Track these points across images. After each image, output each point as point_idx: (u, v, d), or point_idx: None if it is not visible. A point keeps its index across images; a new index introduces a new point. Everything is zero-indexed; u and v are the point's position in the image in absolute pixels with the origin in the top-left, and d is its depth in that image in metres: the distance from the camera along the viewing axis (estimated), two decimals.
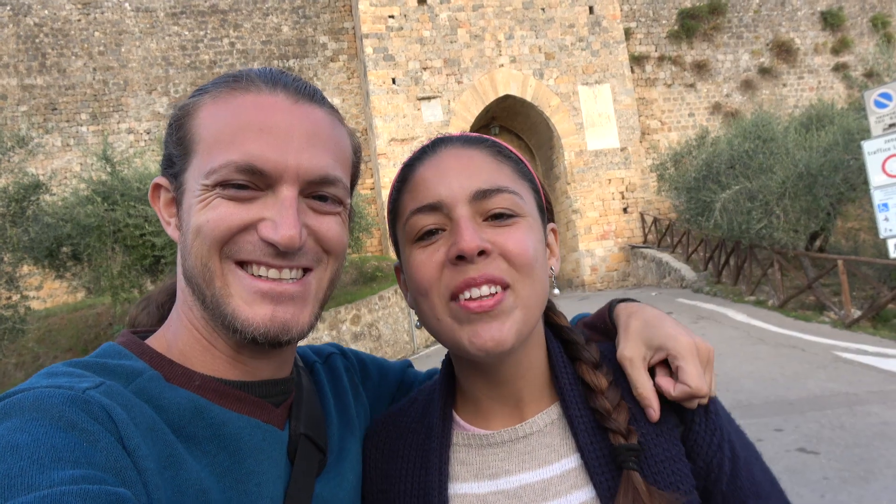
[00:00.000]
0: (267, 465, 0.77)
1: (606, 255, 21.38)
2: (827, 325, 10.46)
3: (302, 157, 0.75)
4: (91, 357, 0.74)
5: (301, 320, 0.76)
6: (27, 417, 0.59)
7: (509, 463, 0.87)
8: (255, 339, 0.73)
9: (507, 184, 0.84)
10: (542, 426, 0.88)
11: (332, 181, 0.78)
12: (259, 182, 0.74)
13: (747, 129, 14.82)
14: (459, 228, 0.80)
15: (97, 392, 0.64)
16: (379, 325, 13.42)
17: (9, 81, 21.73)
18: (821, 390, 6.51)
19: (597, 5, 22.36)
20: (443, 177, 0.84)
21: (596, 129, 21.85)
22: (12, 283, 9.48)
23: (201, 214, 0.73)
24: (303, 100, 0.79)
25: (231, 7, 23.28)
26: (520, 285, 0.81)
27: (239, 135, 0.74)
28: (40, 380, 0.66)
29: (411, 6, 21.23)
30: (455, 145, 0.88)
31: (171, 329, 0.81)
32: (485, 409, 0.91)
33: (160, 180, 0.82)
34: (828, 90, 25.66)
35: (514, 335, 0.80)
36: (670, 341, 0.85)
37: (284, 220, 0.72)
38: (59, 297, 17.57)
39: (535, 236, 0.85)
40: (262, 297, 0.73)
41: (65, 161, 21.44)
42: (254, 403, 0.79)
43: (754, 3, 26.09)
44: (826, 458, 4.75)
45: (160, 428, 0.68)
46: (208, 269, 0.73)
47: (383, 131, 20.58)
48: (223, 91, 0.78)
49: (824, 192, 12.63)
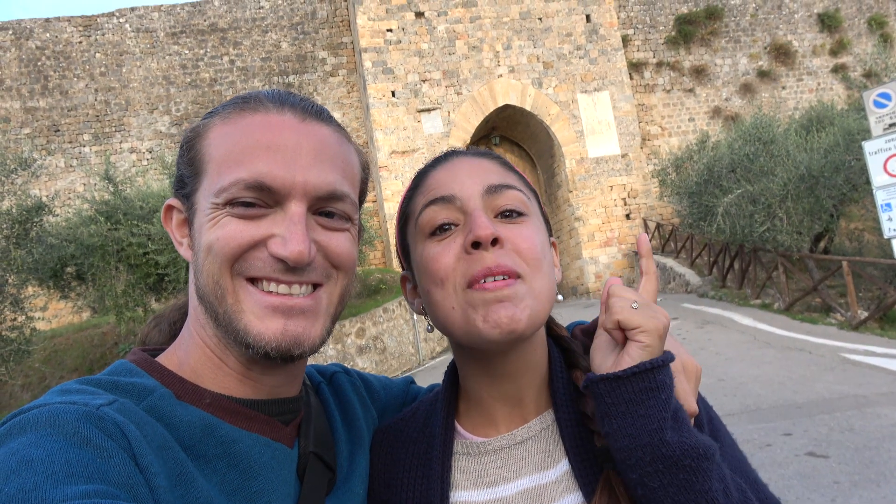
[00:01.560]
0: (277, 484, 0.77)
1: (610, 262, 21.35)
2: (834, 327, 10.40)
3: (310, 174, 0.76)
4: (103, 374, 0.75)
5: (312, 334, 0.76)
6: (42, 433, 0.60)
7: (507, 469, 0.88)
8: (267, 353, 0.74)
9: (515, 183, 0.90)
10: (537, 431, 0.89)
11: (339, 197, 0.79)
12: (268, 199, 0.75)
13: (747, 133, 14.83)
14: (473, 218, 0.84)
15: (111, 409, 0.65)
16: (384, 337, 13.40)
17: (12, 104, 21.93)
18: (829, 393, 6.46)
19: (594, 14, 22.48)
20: (455, 176, 0.89)
21: (596, 136, 21.90)
22: (17, 304, 9.51)
23: (211, 233, 0.74)
24: (310, 118, 0.81)
25: (230, 25, 23.49)
26: (531, 278, 0.84)
27: (247, 153, 0.75)
28: (54, 397, 0.67)
29: (409, 19, 21.39)
30: (466, 155, 0.94)
31: (183, 347, 0.82)
32: (487, 410, 0.93)
33: (172, 202, 0.83)
34: (827, 91, 25.68)
35: (528, 318, 0.82)
36: None
37: (293, 236, 0.73)
38: (65, 317, 17.61)
39: (543, 235, 0.89)
40: (274, 312, 0.74)
41: (68, 182, 21.58)
42: (263, 421, 0.79)
43: (751, 7, 26.19)
44: (836, 461, 4.70)
45: (171, 446, 0.69)
46: (220, 286, 0.74)
47: (384, 144, 20.66)
48: (232, 112, 0.80)
49: (827, 194, 12.61)
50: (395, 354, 13.51)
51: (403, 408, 1.11)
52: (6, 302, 9.29)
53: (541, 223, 0.91)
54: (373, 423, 1.03)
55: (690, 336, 10.55)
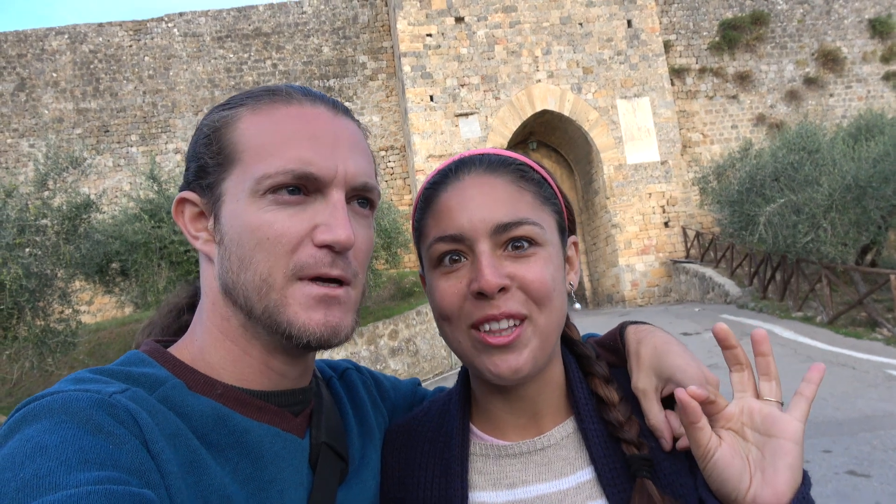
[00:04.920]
0: (289, 473, 0.78)
1: (647, 270, 21.02)
2: (879, 343, 10.05)
3: (349, 164, 0.80)
4: (115, 365, 0.76)
5: (346, 324, 0.79)
6: (56, 420, 0.61)
7: (526, 473, 0.89)
8: (308, 343, 0.76)
9: (527, 214, 0.87)
10: (558, 439, 0.90)
11: (370, 188, 0.83)
12: (310, 186, 0.77)
13: (792, 141, 14.45)
14: (480, 265, 0.83)
15: (123, 397, 0.67)
16: (416, 340, 13.45)
17: (66, 105, 22.76)
18: (872, 410, 6.25)
19: (635, 19, 22.23)
20: (464, 208, 0.87)
21: (635, 142, 21.61)
22: (65, 297, 9.82)
23: (259, 230, 0.75)
24: (340, 113, 0.85)
25: (274, 30, 23.95)
26: (537, 315, 0.85)
27: (290, 142, 0.77)
28: (67, 385, 0.68)
29: (449, 24, 21.48)
30: (477, 171, 0.90)
31: (197, 340, 0.82)
32: (500, 422, 0.94)
33: (186, 194, 0.83)
34: (878, 100, 24.86)
35: (531, 364, 0.85)
36: (679, 373, 0.86)
37: (338, 221, 0.76)
38: (109, 311, 18.17)
39: (554, 265, 0.88)
40: (318, 303, 0.76)
41: (115, 180, 22.28)
42: (274, 412, 0.81)
43: (798, 13, 25.54)
44: (878, 481, 4.55)
45: (184, 434, 0.70)
46: (267, 282, 0.75)
47: (421, 148, 20.77)
48: (263, 102, 0.81)
49: (875, 205, 12.19)
50: (427, 357, 13.55)
51: (412, 408, 1.12)
52: (55, 295, 9.61)
53: (554, 248, 0.89)
54: (383, 421, 1.04)
55: None
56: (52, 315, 9.65)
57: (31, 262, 8.57)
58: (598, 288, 23.55)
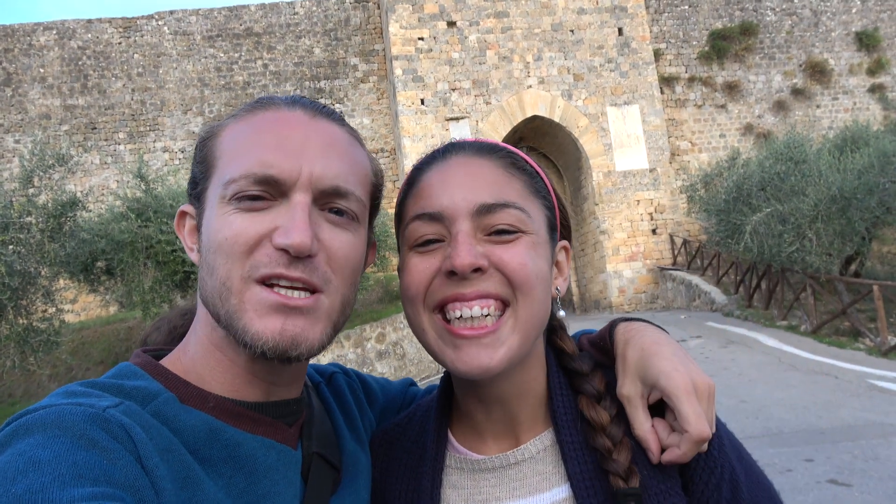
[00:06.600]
0: (282, 486, 0.77)
1: (634, 277, 21.13)
2: (862, 353, 10.16)
3: (315, 165, 0.76)
4: (107, 377, 0.75)
5: (311, 336, 0.74)
6: (49, 434, 0.60)
7: (500, 490, 0.85)
8: (264, 353, 0.72)
9: (514, 199, 0.81)
10: (534, 452, 0.85)
11: (344, 193, 0.78)
12: (273, 191, 0.75)
13: (779, 151, 14.59)
14: (456, 243, 0.78)
15: (116, 411, 0.66)
16: (403, 343, 13.43)
17: (53, 102, 22.54)
18: (854, 419, 6.31)
19: (626, 27, 22.38)
20: (447, 186, 0.82)
21: (624, 149, 21.74)
22: (48, 296, 9.72)
23: (219, 233, 0.74)
24: (320, 116, 0.81)
25: (265, 30, 23.87)
26: (519, 305, 0.78)
27: (255, 146, 0.76)
28: (58, 398, 0.67)
29: (441, 28, 21.52)
30: (466, 153, 0.85)
31: (190, 351, 0.81)
32: (480, 429, 0.89)
33: (186, 208, 0.85)
34: (864, 111, 25.18)
35: (505, 363, 0.78)
36: (663, 379, 0.78)
37: (295, 225, 0.72)
38: (93, 310, 17.98)
39: (539, 254, 0.81)
40: (275, 310, 0.73)
41: (102, 178, 22.08)
42: (268, 424, 0.79)
43: (787, 24, 25.84)
44: (859, 490, 4.59)
45: (177, 449, 0.69)
46: (226, 286, 0.74)
47: (411, 151, 20.77)
48: (245, 112, 0.82)
49: (859, 216, 12.33)
50: (414, 361, 13.53)
51: (402, 410, 1.10)
52: (38, 294, 9.50)
53: (541, 239, 0.83)
54: (370, 425, 1.03)
55: (713, 356, 10.39)
56: (35, 314, 9.55)
57: (14, 259, 8.47)
58: (585, 294, 23.63)
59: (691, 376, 0.79)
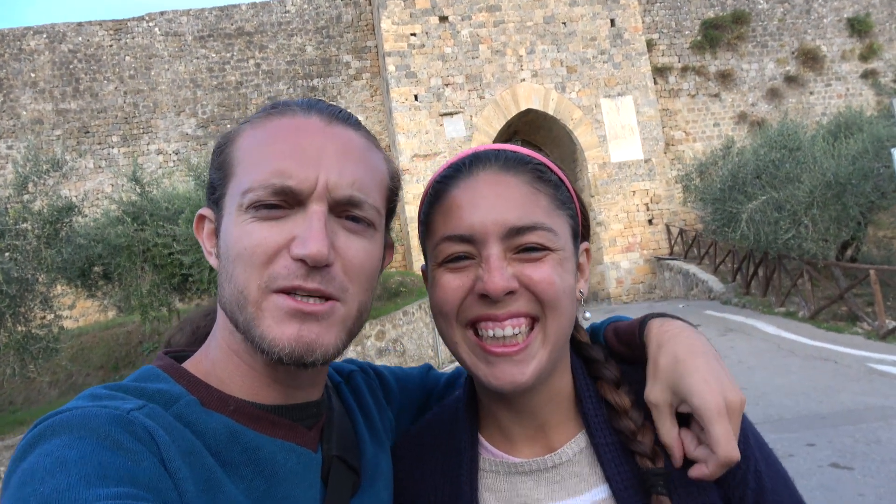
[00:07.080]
0: (302, 489, 0.78)
1: (632, 268, 21.18)
2: (860, 337, 10.21)
3: (331, 174, 0.76)
4: (130, 380, 0.76)
5: (325, 342, 0.75)
6: (76, 435, 0.62)
7: (538, 492, 0.86)
8: (280, 359, 0.73)
9: (541, 219, 0.83)
10: (570, 455, 0.87)
11: (360, 202, 0.78)
12: (290, 200, 0.75)
13: (773, 139, 14.61)
14: (489, 267, 0.80)
15: (140, 414, 0.67)
16: (403, 340, 13.45)
17: (44, 106, 22.43)
18: (854, 404, 6.34)
19: (618, 18, 22.35)
20: (476, 207, 0.83)
21: (619, 141, 21.75)
22: (46, 303, 9.71)
23: (239, 242, 0.75)
24: (336, 122, 0.81)
25: (257, 29, 23.78)
26: (548, 320, 0.81)
27: (271, 154, 0.76)
28: (84, 401, 0.68)
29: (433, 24, 21.46)
30: (492, 169, 0.85)
31: (211, 354, 0.82)
32: (509, 432, 0.91)
33: (205, 211, 0.85)
34: (856, 97, 25.20)
35: (535, 377, 0.81)
36: (696, 399, 0.78)
37: (312, 235, 0.73)
38: (91, 315, 17.95)
39: (566, 269, 0.84)
40: (291, 316, 0.74)
41: (97, 182, 22.00)
42: (287, 427, 0.80)
43: (779, 12, 25.83)
44: (861, 473, 4.62)
45: (200, 451, 0.70)
46: (244, 295, 0.74)
47: (406, 147, 20.74)
48: (262, 117, 0.82)
49: (854, 201, 12.37)
50: (414, 357, 13.55)
51: (423, 398, 1.11)
52: (36, 300, 9.49)
53: (567, 253, 0.85)
54: (389, 425, 1.03)
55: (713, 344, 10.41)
56: (34, 321, 9.54)
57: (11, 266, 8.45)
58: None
59: (724, 394, 0.78)
